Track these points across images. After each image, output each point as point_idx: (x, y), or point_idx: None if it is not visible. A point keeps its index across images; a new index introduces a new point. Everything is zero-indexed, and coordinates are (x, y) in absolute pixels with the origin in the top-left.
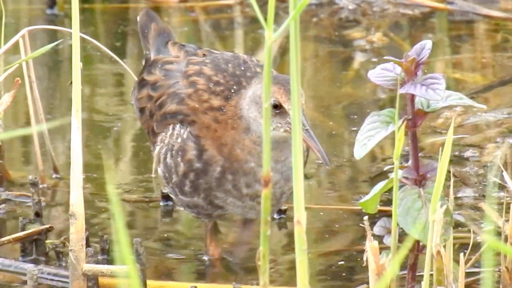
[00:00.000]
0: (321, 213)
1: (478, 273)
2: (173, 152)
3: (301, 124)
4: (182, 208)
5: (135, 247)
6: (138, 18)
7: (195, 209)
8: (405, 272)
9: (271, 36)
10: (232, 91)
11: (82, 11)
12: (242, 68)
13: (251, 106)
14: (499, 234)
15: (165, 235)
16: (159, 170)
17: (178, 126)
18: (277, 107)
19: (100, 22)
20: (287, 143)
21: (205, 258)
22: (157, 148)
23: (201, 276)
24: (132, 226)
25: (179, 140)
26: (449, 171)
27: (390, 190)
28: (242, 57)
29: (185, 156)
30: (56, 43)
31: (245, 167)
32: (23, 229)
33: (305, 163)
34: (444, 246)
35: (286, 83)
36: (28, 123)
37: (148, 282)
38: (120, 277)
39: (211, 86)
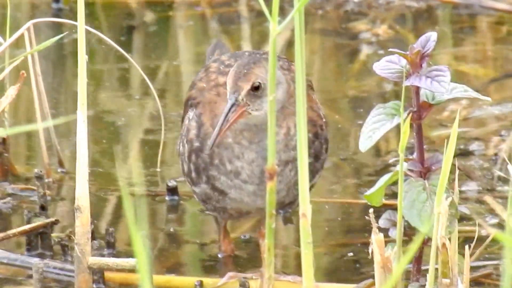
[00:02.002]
0: (327, 206)
1: (483, 266)
2: (182, 137)
3: (305, 117)
4: (208, 211)
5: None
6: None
7: (209, 203)
8: (410, 265)
9: (275, 29)
10: None
11: (87, 5)
12: (257, 55)
13: None
14: (503, 227)
15: (171, 229)
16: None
17: (189, 112)
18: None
19: (105, 16)
20: (259, 126)
21: (219, 255)
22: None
23: (206, 270)
24: (137, 219)
25: (186, 122)
26: (453, 164)
27: (395, 183)
28: (265, 51)
29: (188, 136)
30: (61, 35)
31: (225, 141)
32: (28, 223)
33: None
34: (449, 239)
35: (239, 65)
36: (33, 117)
37: (154, 276)
38: (126, 271)
39: (221, 68)
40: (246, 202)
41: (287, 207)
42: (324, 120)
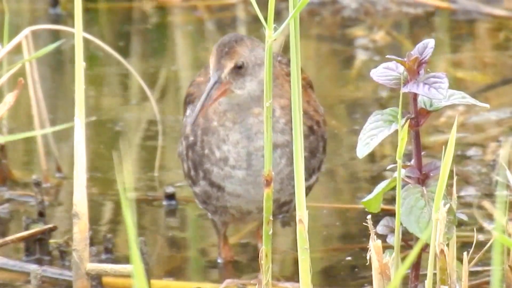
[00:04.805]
0: (325, 211)
1: (482, 272)
2: (181, 137)
3: (301, 123)
4: (209, 215)
5: (139, 246)
6: None
7: (210, 203)
8: (408, 271)
9: (271, 35)
10: None
11: (86, 10)
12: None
13: None
14: (502, 232)
15: (169, 234)
16: None
17: (187, 110)
18: None
19: (104, 21)
20: (242, 106)
21: (219, 260)
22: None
23: (205, 275)
24: (135, 225)
25: (184, 120)
26: (451, 170)
27: (394, 189)
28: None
29: (185, 133)
30: (58, 43)
31: (210, 126)
32: (26, 229)
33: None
34: (447, 245)
35: (221, 43)
36: (31, 123)
37: (152, 281)
38: (124, 276)
39: None
40: (241, 194)
41: (284, 211)
42: (322, 118)
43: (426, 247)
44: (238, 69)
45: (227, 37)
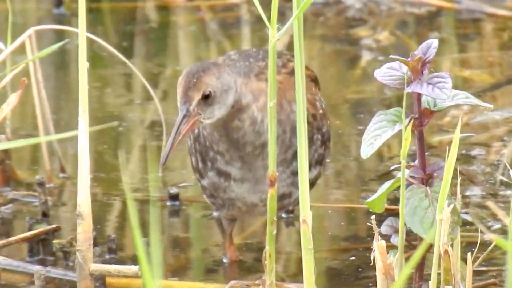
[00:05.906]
0: (329, 211)
1: (486, 271)
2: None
3: (305, 122)
4: (215, 214)
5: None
6: None
7: (217, 197)
8: (413, 271)
9: (274, 36)
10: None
11: (90, 10)
12: (261, 52)
13: None
14: (503, 233)
15: (173, 234)
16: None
17: None
18: None
19: (107, 21)
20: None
21: (224, 260)
22: None
23: (209, 275)
24: (139, 225)
25: None
26: (456, 170)
27: (398, 189)
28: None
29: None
30: (62, 43)
31: (204, 133)
32: (30, 229)
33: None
34: (452, 245)
35: (188, 73)
36: (35, 123)
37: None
38: (128, 277)
39: (227, 61)
40: (244, 177)
41: (286, 205)
42: (320, 111)
43: (430, 247)
44: (206, 99)
45: (194, 67)
